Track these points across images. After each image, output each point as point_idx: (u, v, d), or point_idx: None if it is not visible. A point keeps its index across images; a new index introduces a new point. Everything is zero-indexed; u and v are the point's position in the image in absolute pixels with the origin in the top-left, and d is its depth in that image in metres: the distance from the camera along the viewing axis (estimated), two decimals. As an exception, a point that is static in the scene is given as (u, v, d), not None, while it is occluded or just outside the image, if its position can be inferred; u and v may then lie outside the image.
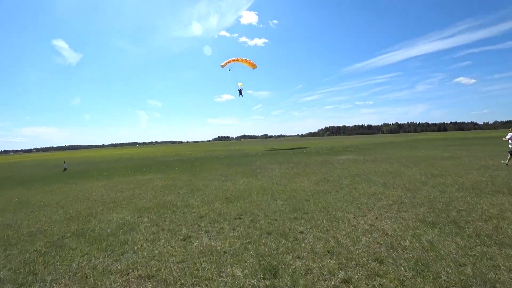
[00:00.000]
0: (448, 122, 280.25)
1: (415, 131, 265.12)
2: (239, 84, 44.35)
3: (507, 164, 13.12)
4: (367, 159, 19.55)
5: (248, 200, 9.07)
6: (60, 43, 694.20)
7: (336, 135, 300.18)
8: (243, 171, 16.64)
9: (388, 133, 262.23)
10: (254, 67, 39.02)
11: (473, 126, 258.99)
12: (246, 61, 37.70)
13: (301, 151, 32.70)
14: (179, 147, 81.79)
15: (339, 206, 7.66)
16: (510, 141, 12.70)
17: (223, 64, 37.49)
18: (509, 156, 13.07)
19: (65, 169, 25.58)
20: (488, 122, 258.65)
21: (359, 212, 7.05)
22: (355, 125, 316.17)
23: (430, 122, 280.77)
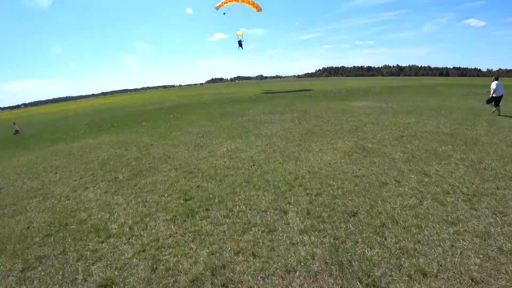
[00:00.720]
0: (451, 67, 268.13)
1: (416, 74, 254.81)
2: (239, 33, 34.99)
3: (495, 111, 12.26)
4: (394, 109, 14.82)
5: (227, 206, 4.69)
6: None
7: (334, 76, 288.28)
8: (229, 128, 11.93)
9: (388, 75, 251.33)
10: (259, 9, 30.18)
11: (476, 72, 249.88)
12: (248, 1, 28.96)
13: (305, 95, 27.32)
14: (167, 92, 74.38)
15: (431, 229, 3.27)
16: (496, 91, 11.90)
17: (217, 5, 29.12)
18: (492, 106, 12.35)
19: (16, 132, 20.41)
20: (491, 70, 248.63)
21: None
22: (354, 66, 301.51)
23: (432, 66, 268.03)
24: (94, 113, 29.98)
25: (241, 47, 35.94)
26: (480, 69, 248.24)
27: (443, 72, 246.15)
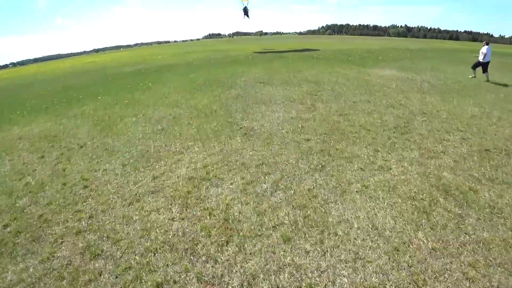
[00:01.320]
0: (462, 31, 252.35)
1: (425, 36, 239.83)
2: (244, 1, 28.84)
3: (475, 76, 12.18)
4: (433, 84, 10.75)
5: None
6: None
7: (338, 34, 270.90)
8: (205, 112, 8.08)
9: (395, 36, 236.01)
10: None
11: (488, 38, 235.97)
12: None
13: (312, 56, 22.56)
14: (158, 50, 66.40)
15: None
16: (485, 56, 11.30)
17: None
18: (473, 71, 12.25)
19: None
20: (504, 36, 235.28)
21: None
22: (359, 25, 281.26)
23: (442, 29, 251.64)
24: (65, 77, 24.89)
25: (247, 16, 29.54)
26: (492, 35, 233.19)
27: (454, 35, 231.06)
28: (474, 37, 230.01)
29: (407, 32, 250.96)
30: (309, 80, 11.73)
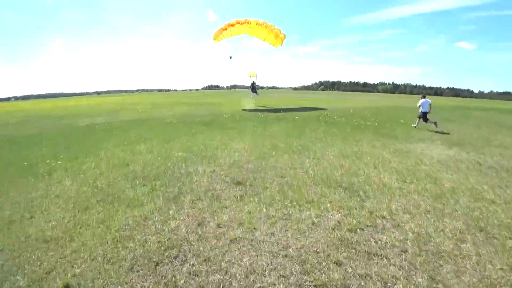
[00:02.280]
0: (445, 87, 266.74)
1: (411, 93, 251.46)
2: (252, 74, 25.39)
3: (415, 127, 13.56)
4: None
5: None
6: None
7: (330, 90, 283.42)
8: None
9: (383, 92, 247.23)
10: (279, 43, 20.82)
11: (469, 93, 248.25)
12: (263, 29, 19.49)
13: (318, 118, 17.18)
14: (145, 98, 64.53)
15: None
16: (420, 107, 13.08)
17: (217, 36, 19.87)
18: (417, 120, 13.59)
19: None
20: (483, 91, 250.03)
21: None
22: (350, 81, 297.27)
23: (426, 85, 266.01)
24: (21, 122, 19.68)
25: (256, 93, 25.97)
26: (472, 91, 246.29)
27: (438, 91, 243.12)
28: (456, 93, 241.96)
29: (394, 88, 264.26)
30: (333, 181, 6.19)
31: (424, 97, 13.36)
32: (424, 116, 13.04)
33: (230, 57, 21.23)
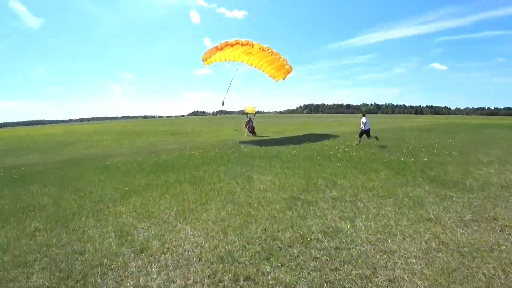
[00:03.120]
0: (424, 106, 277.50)
1: (393, 112, 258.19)
2: (250, 109, 21.90)
3: (358, 144, 13.60)
4: None
5: None
6: (18, 6, 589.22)
7: (314, 113, 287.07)
8: None
9: (367, 113, 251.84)
10: (281, 76, 17.91)
11: (447, 110, 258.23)
12: (266, 57, 16.28)
13: (327, 155, 11.07)
14: (119, 125, 58.84)
15: None
16: (365, 125, 13.45)
17: (208, 56, 15.45)
18: (359, 138, 14.04)
19: None
20: (460, 108, 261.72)
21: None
22: (334, 104, 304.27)
23: (407, 104, 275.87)
24: None
25: (253, 133, 20.76)
26: (450, 108, 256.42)
27: (418, 110, 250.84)
28: (435, 110, 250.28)
29: (377, 109, 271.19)
30: None
31: (364, 115, 14.16)
32: (367, 132, 13.74)
33: (223, 104, 17.92)
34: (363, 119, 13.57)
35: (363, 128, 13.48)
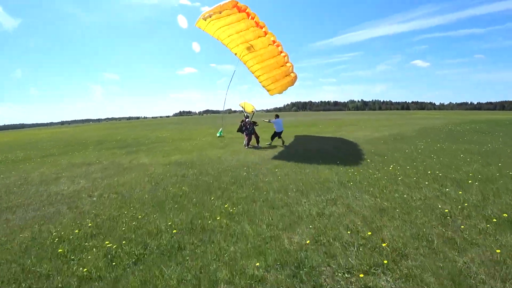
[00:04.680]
0: (410, 101, 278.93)
1: (380, 108, 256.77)
2: (248, 107, 14.71)
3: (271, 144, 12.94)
4: None
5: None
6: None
7: (302, 110, 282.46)
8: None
9: (354, 109, 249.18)
10: (277, 90, 13.58)
11: (432, 106, 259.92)
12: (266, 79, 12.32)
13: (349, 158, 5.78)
14: (85, 130, 49.12)
15: None
16: (280, 126, 12.81)
17: (205, 23, 9.66)
18: (271, 140, 13.21)
19: None
20: (444, 103, 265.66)
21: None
22: (321, 101, 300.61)
23: (393, 101, 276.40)
24: None
25: (257, 142, 12.93)
26: (434, 103, 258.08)
27: (404, 106, 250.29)
28: (421, 106, 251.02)
29: (364, 105, 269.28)
30: None
31: (277, 116, 13.11)
32: (280, 134, 12.89)
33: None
34: (278, 121, 12.72)
35: (280, 130, 12.86)
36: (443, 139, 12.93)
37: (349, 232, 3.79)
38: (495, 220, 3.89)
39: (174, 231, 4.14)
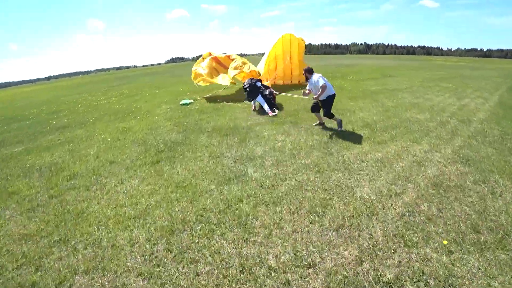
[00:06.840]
0: (416, 46, 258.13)
1: (384, 52, 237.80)
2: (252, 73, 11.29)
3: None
4: None
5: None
6: None
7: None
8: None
9: (357, 53, 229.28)
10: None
11: (439, 51, 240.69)
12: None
13: None
14: (83, 82, 38.82)
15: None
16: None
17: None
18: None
19: None
20: (451, 49, 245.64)
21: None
22: (321, 44, 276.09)
23: (398, 44, 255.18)
24: None
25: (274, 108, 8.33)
26: (442, 48, 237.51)
27: (410, 50, 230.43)
28: (428, 51, 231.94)
29: (367, 49, 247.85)
30: None
31: (312, 71, 8.42)
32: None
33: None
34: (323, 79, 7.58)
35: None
36: None
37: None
38: None
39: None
